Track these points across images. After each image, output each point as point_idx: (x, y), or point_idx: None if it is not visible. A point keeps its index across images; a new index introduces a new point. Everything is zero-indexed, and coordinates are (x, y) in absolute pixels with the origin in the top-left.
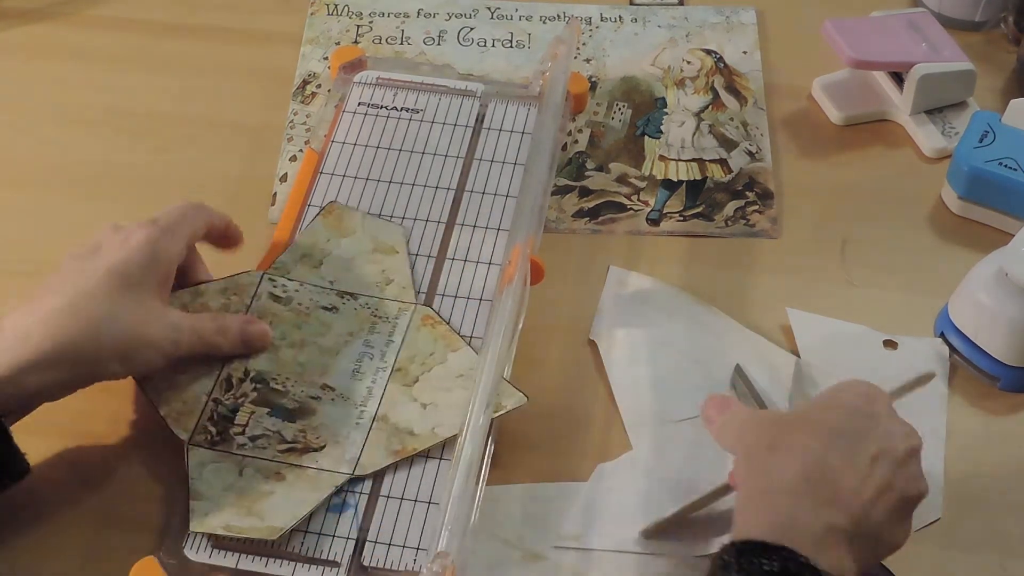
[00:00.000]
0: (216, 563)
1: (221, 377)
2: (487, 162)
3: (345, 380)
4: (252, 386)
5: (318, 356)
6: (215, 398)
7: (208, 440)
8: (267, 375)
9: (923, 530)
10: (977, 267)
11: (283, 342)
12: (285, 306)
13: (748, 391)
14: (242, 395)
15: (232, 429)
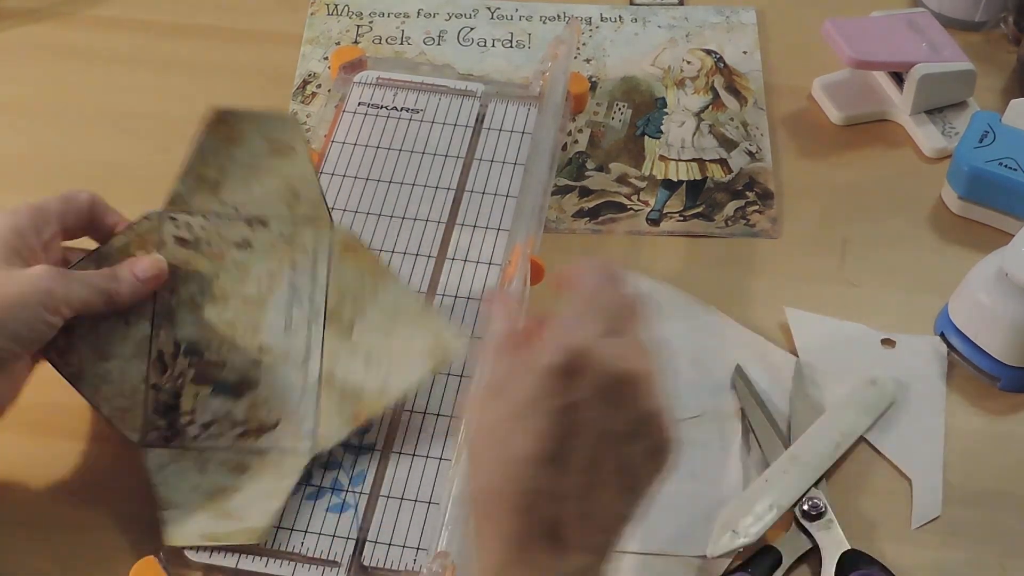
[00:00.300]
0: (216, 563)
1: (152, 357)
2: (487, 162)
3: (279, 337)
4: (187, 361)
5: (244, 310)
6: (153, 383)
7: (160, 437)
8: (199, 345)
9: (923, 529)
10: (977, 267)
11: (203, 298)
12: (195, 251)
13: (748, 391)
14: (179, 374)
15: (181, 419)
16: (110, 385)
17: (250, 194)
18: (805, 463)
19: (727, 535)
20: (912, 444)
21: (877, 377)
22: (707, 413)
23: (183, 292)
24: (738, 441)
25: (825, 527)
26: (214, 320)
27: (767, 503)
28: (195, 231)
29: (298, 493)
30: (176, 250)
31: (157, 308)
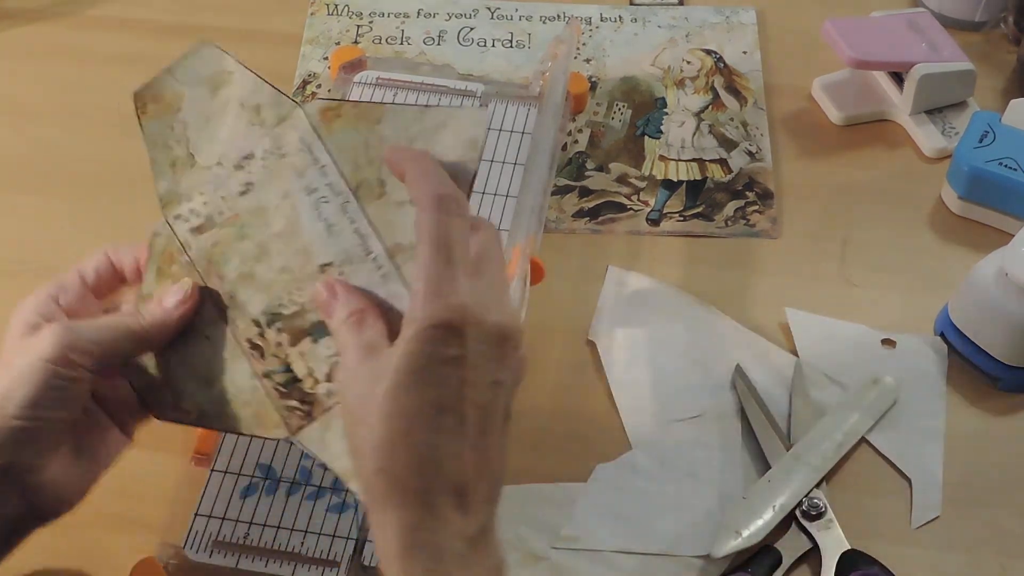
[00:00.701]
0: (216, 563)
1: (243, 349)
2: (487, 162)
3: (330, 245)
4: (274, 330)
5: (286, 246)
6: (263, 373)
7: (302, 415)
8: (272, 308)
9: (923, 529)
10: (977, 267)
11: (248, 264)
12: (214, 226)
13: (748, 391)
14: (277, 346)
15: (305, 386)
16: (230, 403)
17: (222, 141)
18: (808, 463)
19: (731, 536)
20: (912, 444)
21: (879, 377)
22: (707, 413)
23: (228, 272)
24: (738, 441)
25: (825, 527)
26: (269, 276)
27: (770, 503)
28: (202, 211)
29: (298, 493)
30: (199, 239)
31: (220, 304)
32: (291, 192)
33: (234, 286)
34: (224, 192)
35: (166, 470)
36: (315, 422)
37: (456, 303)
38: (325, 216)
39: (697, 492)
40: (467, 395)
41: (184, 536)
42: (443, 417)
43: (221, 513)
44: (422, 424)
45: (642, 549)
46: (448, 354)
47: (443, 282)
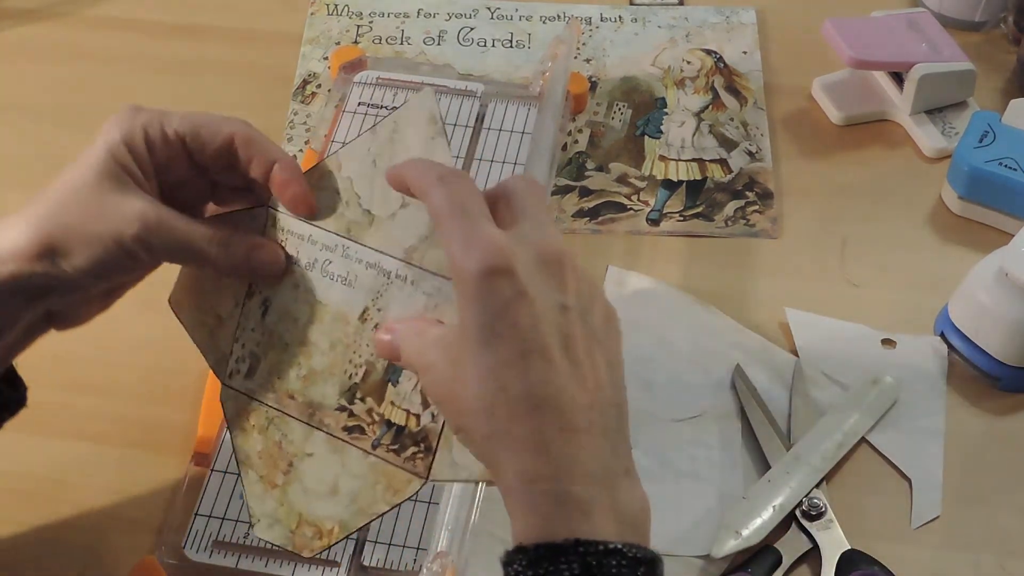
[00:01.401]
0: (216, 563)
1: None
2: (487, 162)
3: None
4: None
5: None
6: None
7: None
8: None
9: (923, 529)
10: (977, 267)
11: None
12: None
13: (748, 391)
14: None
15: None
16: (359, 495)
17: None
18: (808, 463)
19: (731, 536)
20: (912, 444)
21: (879, 377)
22: (707, 413)
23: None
24: (738, 441)
25: (825, 527)
26: (326, 360)
27: (770, 503)
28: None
29: None
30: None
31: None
32: (298, 280)
33: (305, 393)
34: (251, 323)
35: (166, 470)
36: (439, 452)
37: (493, 246)
38: (337, 275)
39: (697, 492)
40: (541, 329)
41: (184, 536)
42: (529, 360)
43: (221, 513)
44: (513, 375)
45: None
46: (506, 296)
47: (471, 233)
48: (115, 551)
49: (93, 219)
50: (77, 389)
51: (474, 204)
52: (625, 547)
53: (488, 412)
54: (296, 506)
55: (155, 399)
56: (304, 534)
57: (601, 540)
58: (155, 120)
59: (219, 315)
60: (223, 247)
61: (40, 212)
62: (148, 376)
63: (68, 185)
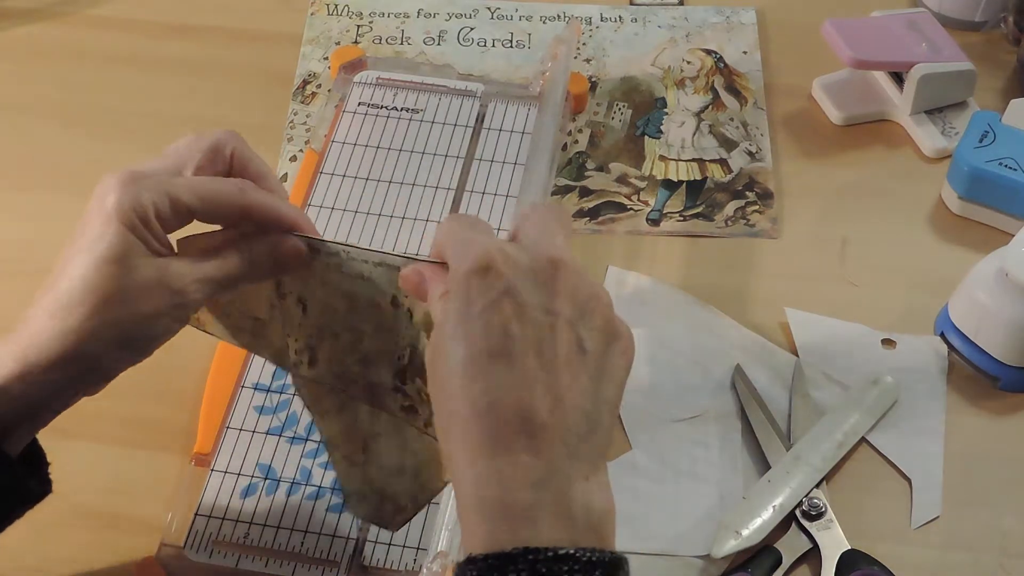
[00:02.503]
0: (216, 563)
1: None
2: (487, 162)
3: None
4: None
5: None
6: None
7: None
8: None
9: (923, 529)
10: (977, 267)
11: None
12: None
13: (748, 391)
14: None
15: None
16: (423, 470)
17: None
18: (808, 464)
19: (731, 536)
20: (912, 444)
21: (879, 377)
22: (707, 413)
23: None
24: (738, 441)
25: (825, 527)
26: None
27: (770, 503)
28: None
29: (298, 493)
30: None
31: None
32: (323, 278)
33: (365, 376)
34: (296, 320)
35: (166, 470)
36: None
37: (484, 248)
38: (352, 272)
39: (697, 492)
40: (514, 332)
41: (184, 536)
42: (495, 361)
43: (221, 513)
44: (475, 373)
45: (642, 549)
46: (489, 296)
47: (469, 241)
48: (115, 551)
49: (135, 305)
50: None
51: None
52: (578, 551)
53: (449, 413)
54: (377, 483)
55: (155, 399)
56: (387, 509)
57: (551, 547)
58: (163, 194)
59: (256, 317)
60: (249, 263)
61: (76, 311)
62: (148, 376)
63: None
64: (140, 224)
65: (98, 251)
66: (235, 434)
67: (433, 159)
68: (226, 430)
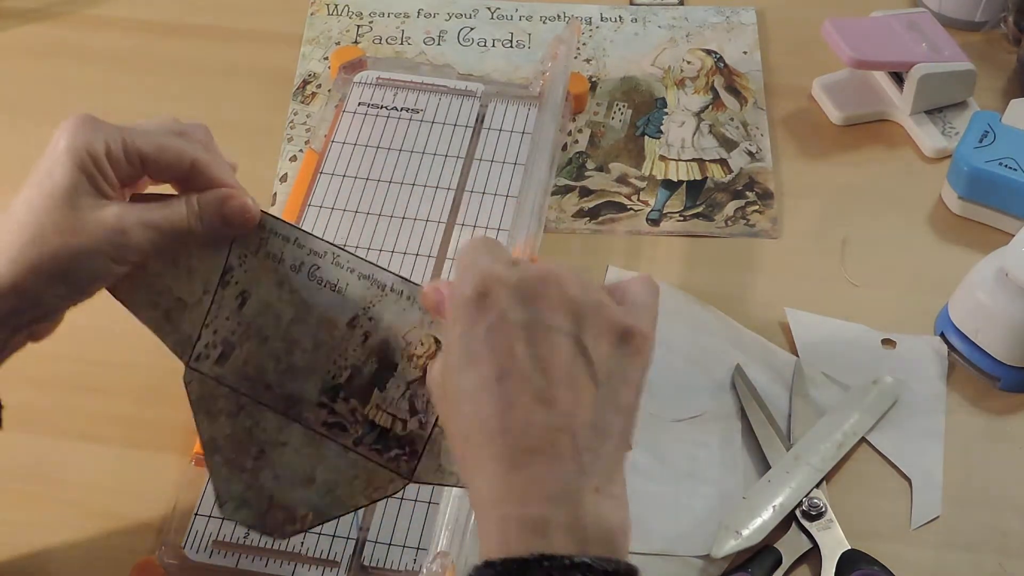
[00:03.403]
0: (216, 563)
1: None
2: (487, 162)
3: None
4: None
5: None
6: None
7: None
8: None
9: (923, 529)
10: (977, 267)
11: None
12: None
13: (748, 391)
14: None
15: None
16: (338, 486)
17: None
18: (808, 464)
19: (731, 536)
20: (912, 444)
21: (879, 377)
22: (707, 413)
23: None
24: (738, 441)
25: (825, 527)
26: (308, 359)
27: (770, 503)
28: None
29: None
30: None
31: (279, 410)
32: (282, 278)
33: (283, 386)
34: (226, 312)
35: (166, 470)
36: (424, 457)
37: (481, 274)
38: (325, 280)
39: (697, 492)
40: (517, 352)
41: (184, 536)
42: (503, 384)
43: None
44: (485, 399)
45: (642, 549)
46: (487, 320)
47: (468, 267)
48: (115, 551)
49: (73, 238)
50: (77, 389)
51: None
52: (593, 560)
53: (463, 436)
54: (266, 490)
55: (155, 399)
56: (276, 517)
57: (567, 555)
58: (116, 136)
59: (179, 298)
60: (197, 215)
61: (15, 242)
62: (148, 376)
63: (38, 206)
64: (91, 163)
65: (43, 186)
66: None
67: (433, 159)
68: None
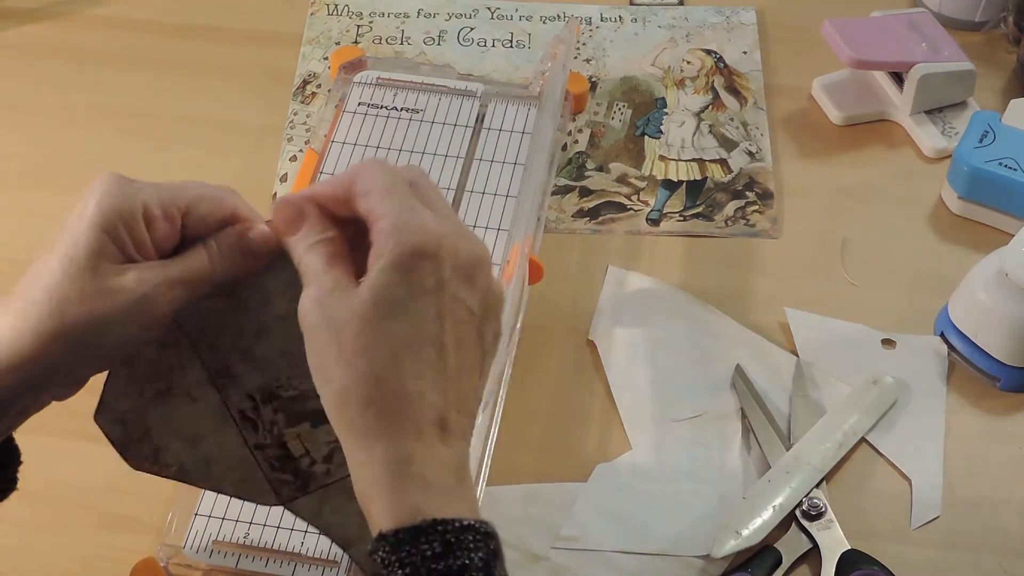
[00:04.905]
0: (216, 563)
1: (237, 423)
2: (487, 162)
3: None
4: (270, 408)
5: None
6: (255, 444)
7: (295, 488)
8: (270, 387)
9: (923, 529)
10: (977, 267)
11: (244, 339)
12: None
13: (748, 391)
14: (272, 424)
15: (301, 464)
16: (218, 465)
17: None
18: (808, 464)
19: (731, 536)
20: (912, 444)
21: (879, 377)
22: (707, 413)
23: (222, 343)
24: (738, 441)
25: (825, 527)
26: (268, 355)
27: (770, 503)
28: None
29: None
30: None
31: (209, 370)
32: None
33: (228, 358)
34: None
35: None
36: (311, 495)
37: (429, 230)
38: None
39: (697, 492)
40: (446, 326)
41: (184, 536)
42: (427, 348)
43: (221, 513)
44: (408, 356)
45: (642, 549)
46: (425, 283)
47: (409, 213)
48: (115, 551)
49: (96, 307)
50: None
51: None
52: (478, 523)
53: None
54: (149, 424)
55: None
56: (141, 449)
57: (456, 518)
58: (155, 198)
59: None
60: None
61: (38, 312)
62: None
63: (60, 273)
64: (122, 228)
65: (66, 253)
66: None
67: (433, 159)
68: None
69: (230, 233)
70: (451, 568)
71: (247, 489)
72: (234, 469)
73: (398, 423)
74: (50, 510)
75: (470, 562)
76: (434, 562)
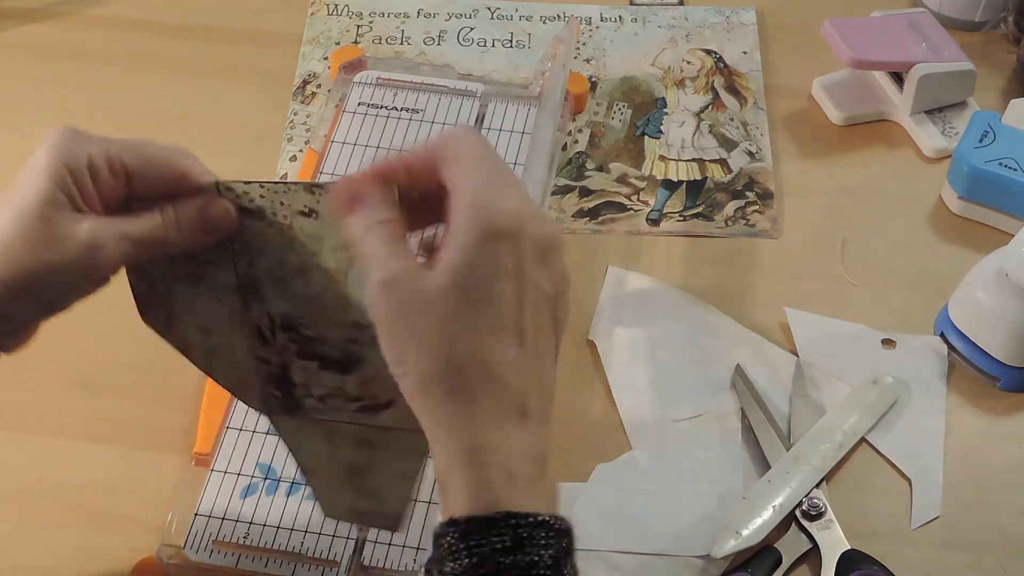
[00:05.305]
0: (216, 563)
1: (250, 329)
2: None
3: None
4: (286, 336)
5: (328, 284)
6: (260, 356)
7: (281, 405)
8: (292, 320)
9: (923, 529)
10: (977, 267)
11: (283, 271)
12: (261, 220)
13: (748, 391)
14: (282, 348)
15: (296, 391)
16: (220, 359)
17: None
18: (808, 464)
19: (731, 536)
20: (912, 444)
21: (879, 377)
22: (707, 413)
23: (261, 265)
24: (738, 441)
25: (825, 527)
26: (301, 294)
27: (770, 503)
28: (255, 200)
29: (298, 493)
30: (245, 222)
31: (241, 281)
32: (343, 248)
33: (262, 278)
34: (286, 200)
35: (166, 470)
36: (293, 419)
37: (510, 210)
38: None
39: (697, 492)
40: (526, 309)
41: (184, 536)
42: (507, 333)
43: (221, 513)
44: (490, 342)
45: (642, 549)
46: (506, 265)
47: (493, 189)
48: (115, 551)
49: (44, 253)
50: (77, 389)
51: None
52: (552, 519)
53: (456, 370)
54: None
55: (155, 399)
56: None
57: (531, 512)
58: (100, 149)
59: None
60: (175, 223)
61: None
62: (148, 376)
63: (9, 219)
64: (69, 177)
65: (17, 203)
66: (235, 434)
67: None
68: (226, 430)
69: (192, 205)
70: (519, 563)
71: (239, 388)
72: (235, 367)
73: (480, 410)
74: (50, 510)
75: (539, 559)
76: (503, 556)
